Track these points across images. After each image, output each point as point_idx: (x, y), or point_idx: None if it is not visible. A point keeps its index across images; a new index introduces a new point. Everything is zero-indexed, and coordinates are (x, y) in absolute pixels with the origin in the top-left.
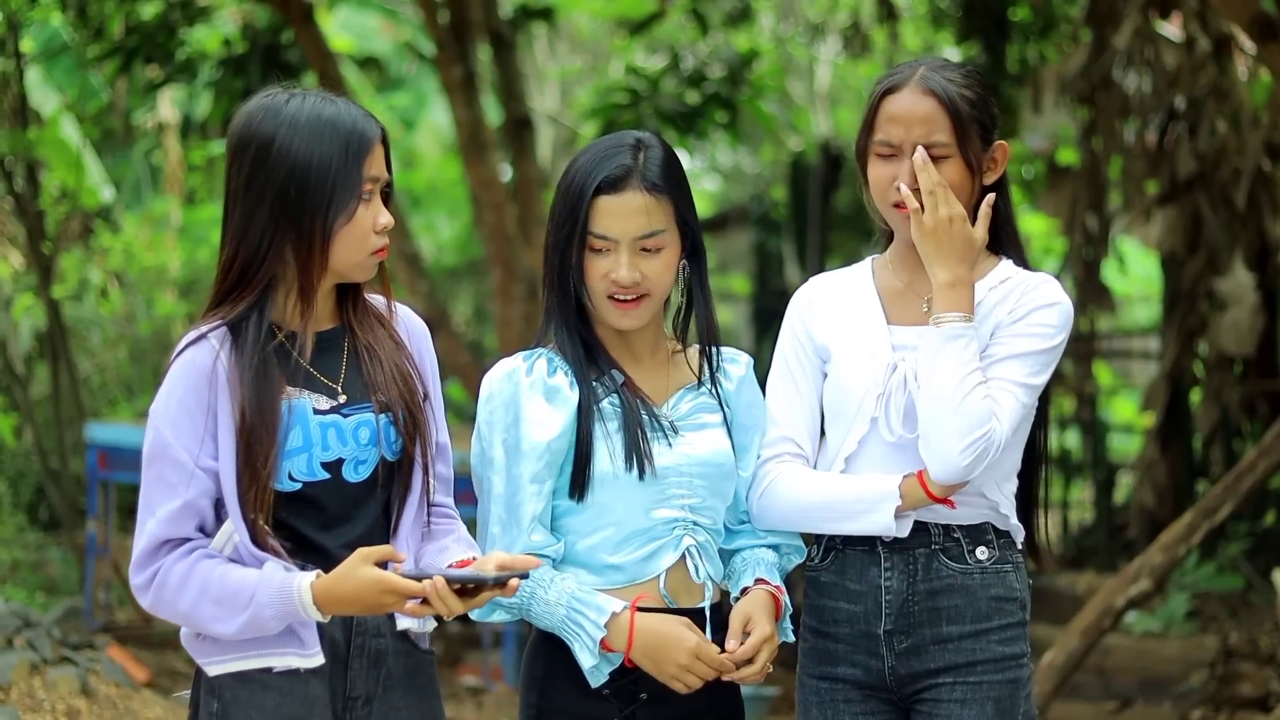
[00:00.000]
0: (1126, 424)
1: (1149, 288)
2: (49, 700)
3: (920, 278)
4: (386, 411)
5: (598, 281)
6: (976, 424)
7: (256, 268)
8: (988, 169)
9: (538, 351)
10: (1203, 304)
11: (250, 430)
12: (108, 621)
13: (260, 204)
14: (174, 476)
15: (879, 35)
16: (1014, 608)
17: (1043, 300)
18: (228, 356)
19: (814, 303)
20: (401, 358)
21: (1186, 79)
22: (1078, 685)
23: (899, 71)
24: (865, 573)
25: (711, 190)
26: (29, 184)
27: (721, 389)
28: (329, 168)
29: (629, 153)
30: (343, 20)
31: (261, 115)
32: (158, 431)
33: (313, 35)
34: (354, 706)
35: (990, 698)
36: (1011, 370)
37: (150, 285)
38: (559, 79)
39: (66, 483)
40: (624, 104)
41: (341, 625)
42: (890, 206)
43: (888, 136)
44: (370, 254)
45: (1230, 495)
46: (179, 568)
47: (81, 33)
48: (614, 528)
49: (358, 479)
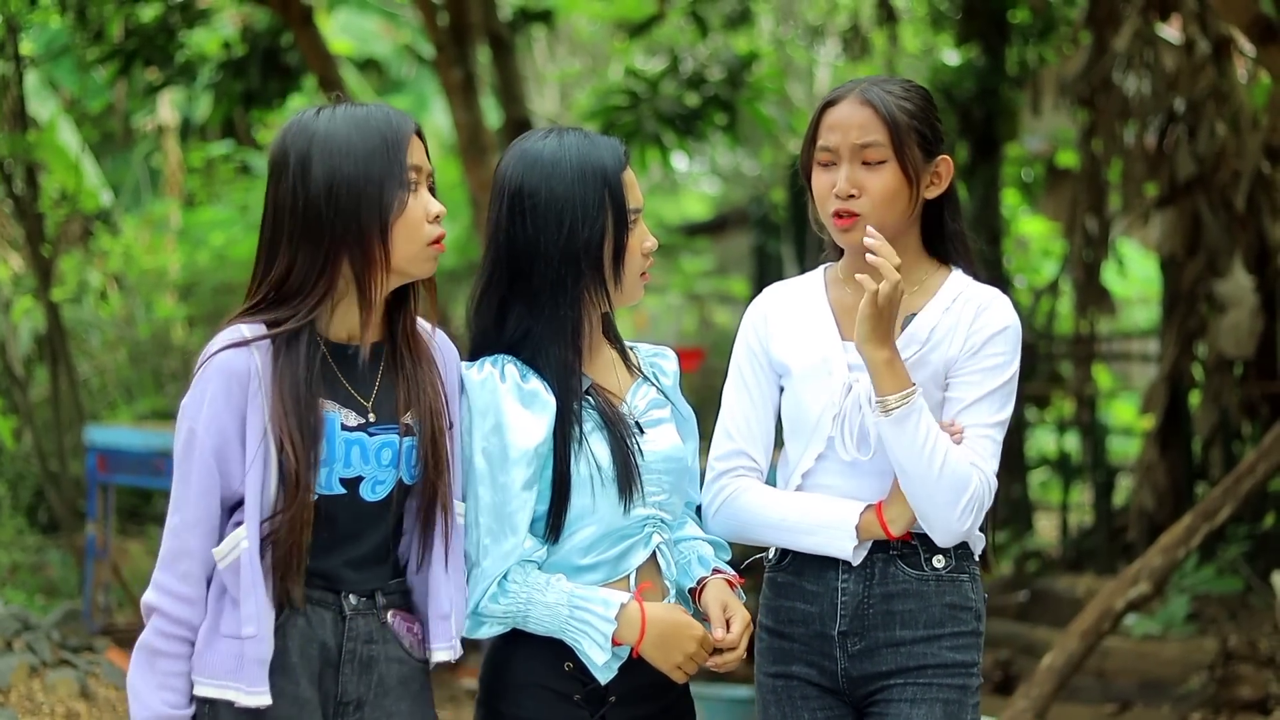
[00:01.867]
0: (1126, 426)
1: (1148, 290)
2: (48, 703)
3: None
4: (410, 435)
5: (638, 260)
6: (962, 486)
7: (315, 279)
8: (931, 183)
9: (500, 357)
10: (1202, 306)
11: (292, 445)
12: (107, 624)
13: (309, 215)
14: (201, 478)
15: (878, 38)
16: (968, 616)
17: (994, 326)
18: (266, 366)
19: (769, 318)
20: (433, 382)
21: (1186, 81)
22: (1077, 688)
23: (841, 87)
24: (822, 575)
25: (711, 193)
26: (28, 187)
27: (661, 385)
28: (372, 163)
29: (608, 139)
30: (342, 23)
31: (296, 131)
32: (190, 430)
33: (312, 38)
34: (345, 711)
35: (939, 699)
36: (980, 414)
37: (150, 288)
38: (558, 81)
39: (66, 485)
40: (623, 106)
41: (334, 630)
42: (830, 216)
43: (826, 143)
44: (426, 244)
45: (1230, 498)
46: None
47: (81, 35)
48: (594, 527)
49: (374, 498)
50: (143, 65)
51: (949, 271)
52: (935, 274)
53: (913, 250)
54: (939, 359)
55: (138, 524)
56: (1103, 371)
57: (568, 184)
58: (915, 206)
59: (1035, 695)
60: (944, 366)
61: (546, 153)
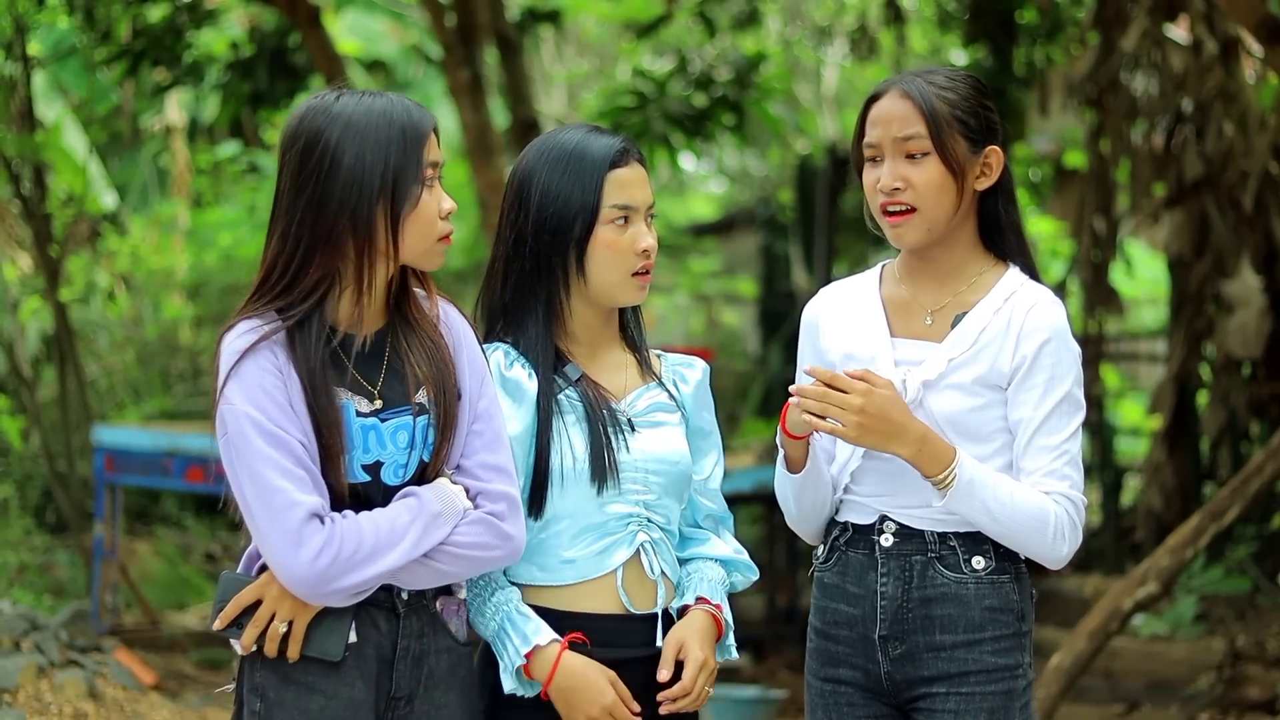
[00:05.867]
0: (1134, 427)
1: (1156, 290)
2: (56, 703)
3: (924, 290)
4: (424, 414)
5: (622, 258)
6: (1041, 524)
7: (315, 263)
8: (981, 174)
9: (495, 345)
10: (1210, 307)
11: (320, 432)
12: (115, 624)
13: (318, 199)
14: (284, 453)
15: (886, 38)
16: (1009, 619)
17: (1043, 331)
18: (288, 359)
19: (820, 315)
20: (441, 358)
21: (1194, 82)
22: (1084, 688)
23: (885, 81)
24: (864, 577)
25: (718, 193)
26: (36, 187)
27: (678, 392)
28: (390, 157)
29: (613, 136)
30: (350, 23)
31: (313, 114)
32: (249, 417)
33: (320, 38)
34: (396, 706)
35: (984, 709)
36: (1051, 435)
37: (157, 288)
38: (566, 82)
39: (74, 486)
40: (631, 106)
41: (389, 629)
42: (881, 213)
43: (870, 138)
44: (437, 240)
45: (1238, 498)
46: (345, 525)
47: (89, 36)
48: (568, 520)
49: (396, 481)
50: (150, 66)
51: (1005, 269)
52: (990, 270)
53: (967, 244)
54: (988, 360)
55: (145, 524)
56: (1110, 372)
57: (554, 172)
58: (965, 199)
59: (1043, 696)
60: (995, 371)
61: (549, 141)
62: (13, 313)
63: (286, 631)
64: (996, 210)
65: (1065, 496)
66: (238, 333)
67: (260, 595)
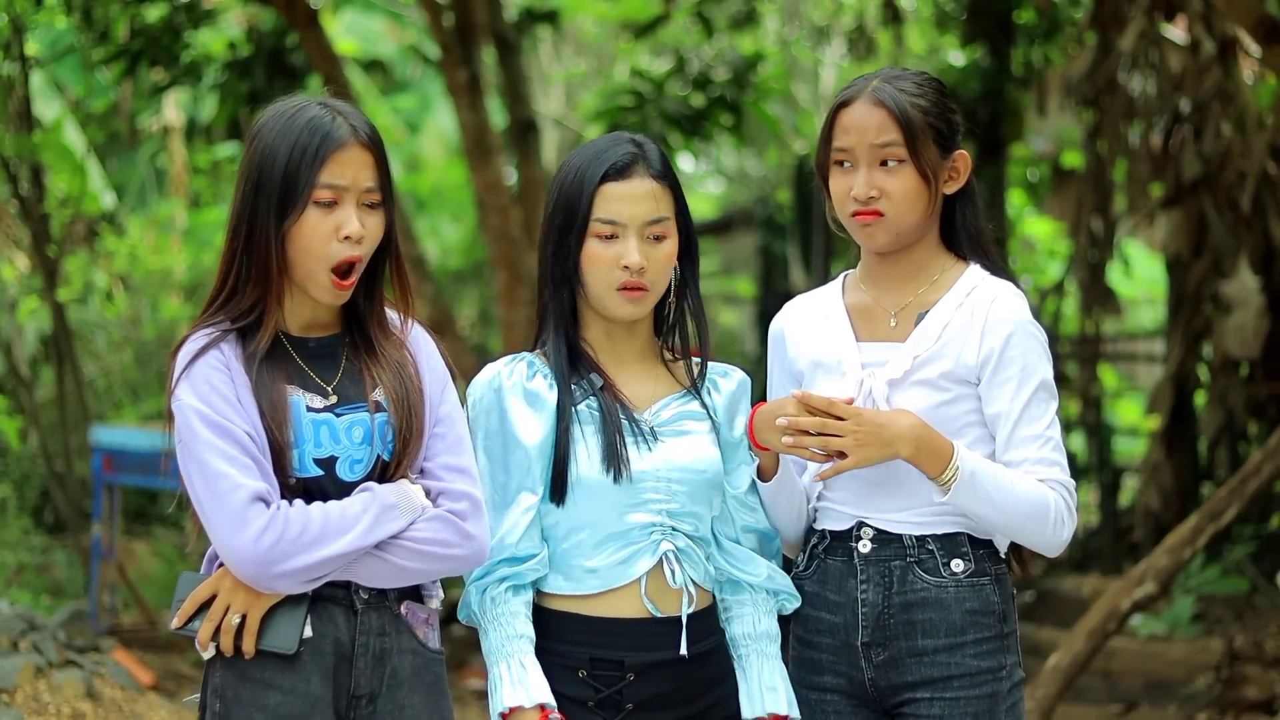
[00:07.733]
0: (1131, 427)
1: (1154, 291)
2: (54, 703)
3: (886, 293)
4: (381, 412)
5: (606, 271)
6: (1043, 512)
7: (251, 273)
8: (949, 178)
9: (520, 356)
10: (1208, 307)
11: (266, 425)
12: (113, 624)
13: (240, 211)
14: (229, 442)
15: (884, 38)
16: (991, 621)
17: (1006, 324)
18: (235, 357)
19: (786, 327)
20: (401, 361)
21: (1191, 82)
22: (1082, 688)
23: (854, 85)
24: (844, 584)
25: (716, 193)
26: (34, 187)
27: (710, 400)
28: (283, 164)
29: (630, 144)
30: (348, 23)
31: (263, 116)
32: (196, 410)
33: (318, 38)
34: (358, 705)
35: (968, 712)
36: (1031, 425)
37: (155, 288)
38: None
39: (71, 486)
40: (629, 107)
41: (346, 625)
42: (849, 217)
43: (842, 144)
44: (328, 267)
45: (1235, 498)
46: (292, 510)
47: (86, 35)
48: (589, 530)
49: (353, 477)
50: (148, 66)
51: (965, 266)
52: (951, 269)
53: (930, 245)
54: (954, 354)
55: (143, 524)
56: (1108, 372)
57: (566, 181)
58: (935, 203)
59: (1041, 696)
60: (962, 365)
61: (577, 149)
62: (11, 313)
63: (241, 625)
64: (958, 211)
65: (1059, 483)
66: (191, 340)
67: (215, 590)
